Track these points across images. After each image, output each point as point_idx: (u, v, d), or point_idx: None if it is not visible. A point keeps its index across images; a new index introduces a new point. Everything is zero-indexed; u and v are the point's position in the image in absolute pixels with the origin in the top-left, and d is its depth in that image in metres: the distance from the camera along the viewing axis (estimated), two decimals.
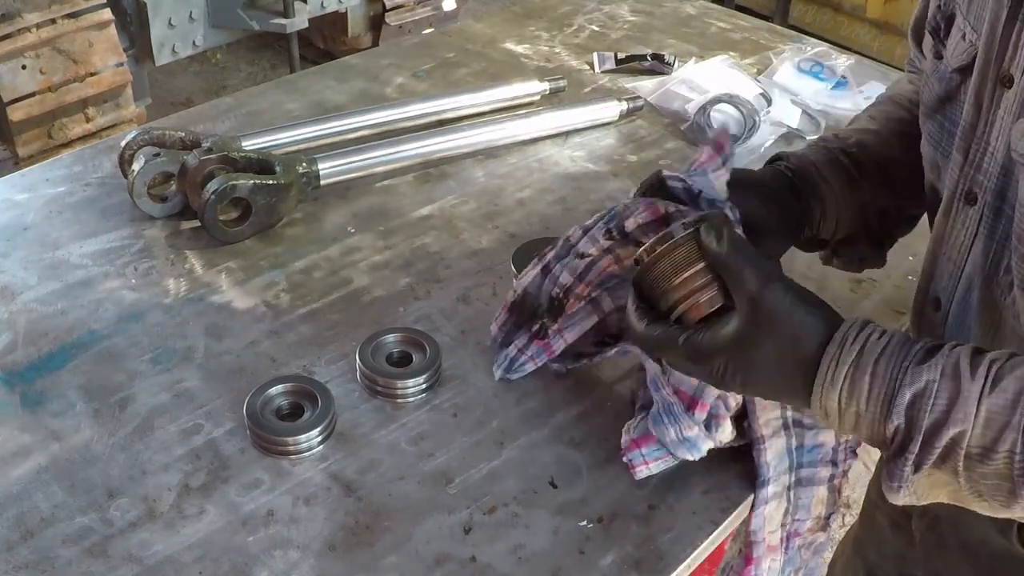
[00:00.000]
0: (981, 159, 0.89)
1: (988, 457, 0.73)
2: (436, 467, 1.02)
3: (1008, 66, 0.84)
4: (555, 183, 1.50)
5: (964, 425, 0.74)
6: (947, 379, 0.75)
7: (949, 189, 0.93)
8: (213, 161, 1.32)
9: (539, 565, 0.93)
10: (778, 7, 4.27)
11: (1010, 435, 0.72)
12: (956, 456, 0.74)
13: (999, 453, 0.73)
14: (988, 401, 0.73)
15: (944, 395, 0.74)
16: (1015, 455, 0.72)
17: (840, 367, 0.77)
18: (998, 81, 0.86)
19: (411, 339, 1.13)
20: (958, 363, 0.75)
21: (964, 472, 0.75)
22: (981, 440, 0.74)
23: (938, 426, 0.74)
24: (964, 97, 0.92)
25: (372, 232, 1.37)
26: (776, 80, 1.77)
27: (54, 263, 1.27)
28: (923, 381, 0.75)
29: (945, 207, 0.94)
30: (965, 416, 0.74)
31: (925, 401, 0.74)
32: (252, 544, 0.93)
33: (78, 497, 0.96)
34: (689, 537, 0.96)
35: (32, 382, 1.09)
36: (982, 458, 0.74)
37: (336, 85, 1.73)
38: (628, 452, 0.99)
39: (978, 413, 0.73)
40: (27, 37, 2.77)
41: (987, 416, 0.73)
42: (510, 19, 2.02)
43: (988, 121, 0.87)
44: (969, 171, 0.90)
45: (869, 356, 0.77)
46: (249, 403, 1.04)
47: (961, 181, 0.91)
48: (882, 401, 0.76)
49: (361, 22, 4.00)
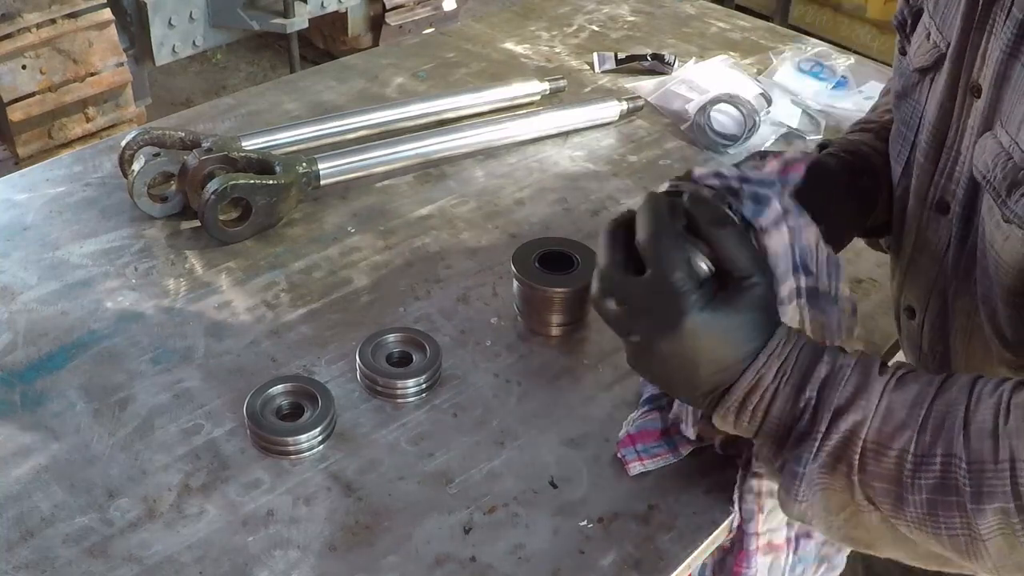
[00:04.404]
0: (952, 168, 0.87)
1: (882, 453, 0.74)
2: (436, 467, 1.02)
3: (977, 76, 0.83)
4: (555, 183, 1.50)
5: (865, 413, 0.75)
6: (858, 368, 0.77)
7: (918, 198, 0.92)
8: (213, 161, 1.32)
9: (539, 565, 0.93)
10: (778, 7, 4.26)
11: (905, 433, 0.73)
12: (853, 450, 0.75)
13: (892, 450, 0.73)
14: (890, 395, 0.75)
15: (852, 382, 0.76)
16: (907, 455, 0.73)
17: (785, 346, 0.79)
18: (968, 90, 0.84)
19: (411, 339, 1.13)
20: (870, 362, 0.78)
21: (858, 472, 0.75)
22: (877, 435, 0.74)
23: (841, 411, 0.76)
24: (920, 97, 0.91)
25: (372, 232, 1.37)
26: (776, 80, 1.77)
27: (54, 263, 1.27)
28: (837, 363, 0.77)
29: (915, 215, 0.93)
30: (867, 404, 0.75)
31: (836, 381, 0.76)
32: (252, 544, 0.93)
33: (78, 497, 0.96)
34: (689, 537, 0.96)
35: (32, 382, 1.09)
36: (876, 454, 0.74)
37: (336, 85, 1.73)
38: (622, 447, 0.99)
39: (879, 405, 0.75)
40: (27, 37, 2.77)
41: (887, 410, 0.74)
42: (510, 19, 2.02)
43: (959, 130, 0.86)
44: (940, 180, 0.88)
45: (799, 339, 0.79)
46: (249, 403, 1.04)
47: (932, 190, 0.90)
48: (801, 373, 0.77)
49: (361, 22, 4.00)
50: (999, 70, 0.78)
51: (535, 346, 1.18)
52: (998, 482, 0.68)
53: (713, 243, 0.79)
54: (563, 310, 1.18)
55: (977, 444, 0.70)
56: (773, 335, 0.79)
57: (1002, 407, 0.70)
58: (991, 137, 0.79)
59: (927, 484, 0.72)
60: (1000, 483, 0.68)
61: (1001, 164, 0.77)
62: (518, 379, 1.13)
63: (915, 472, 0.72)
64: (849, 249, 1.37)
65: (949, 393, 0.73)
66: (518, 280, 1.18)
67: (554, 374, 1.14)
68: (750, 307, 0.78)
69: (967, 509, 0.70)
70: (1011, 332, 0.81)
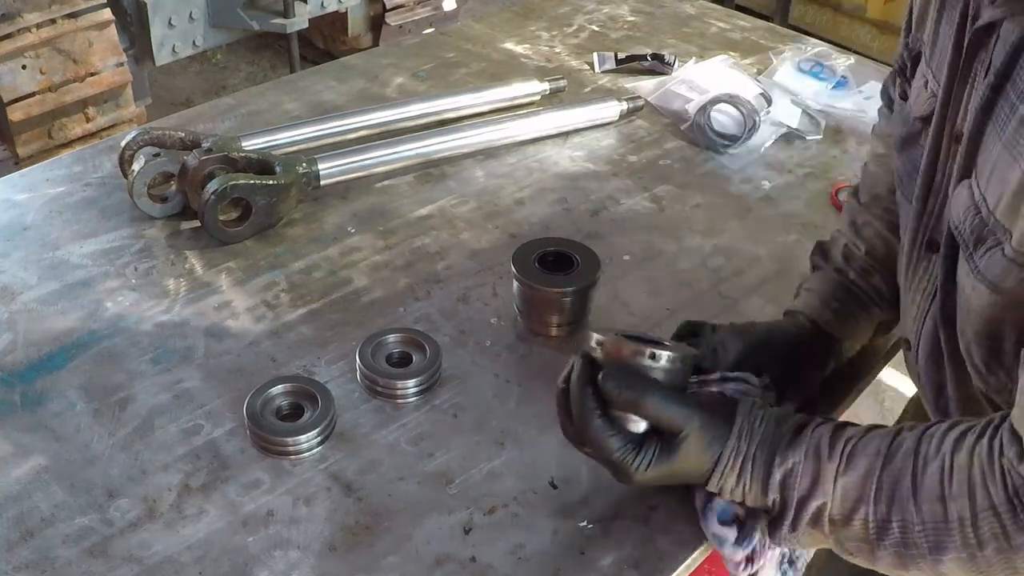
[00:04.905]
0: (940, 211, 0.90)
1: (848, 523, 0.84)
2: (436, 467, 1.02)
3: (960, 124, 0.86)
4: (555, 183, 1.50)
5: (825, 498, 0.85)
6: (810, 460, 0.86)
7: (910, 236, 0.95)
8: (213, 161, 1.32)
9: (539, 565, 0.93)
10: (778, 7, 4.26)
11: (862, 507, 0.82)
12: (823, 521, 0.85)
13: (855, 521, 0.83)
14: (843, 480, 0.84)
15: (808, 474, 0.85)
16: (868, 523, 0.82)
17: (737, 458, 0.87)
18: (952, 138, 0.87)
19: (411, 339, 1.13)
20: (819, 445, 0.86)
21: (831, 534, 0.86)
22: (840, 510, 0.84)
23: (804, 499, 0.86)
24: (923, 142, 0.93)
25: (372, 232, 1.37)
26: (776, 80, 1.77)
27: (54, 263, 1.27)
28: (790, 463, 0.86)
29: (907, 252, 0.96)
30: (825, 491, 0.84)
31: (792, 480, 0.86)
32: (252, 544, 0.93)
33: (78, 497, 0.96)
34: (689, 538, 0.96)
35: (32, 382, 1.09)
36: (843, 523, 0.84)
37: (336, 85, 1.73)
38: None
39: (835, 489, 0.84)
40: (27, 37, 2.77)
41: (843, 491, 0.83)
42: (510, 19, 2.02)
43: (946, 174, 0.89)
44: (929, 221, 0.92)
45: (753, 445, 0.88)
46: (249, 403, 1.04)
47: (921, 231, 0.93)
48: (761, 481, 0.87)
49: (361, 22, 4.00)
50: (975, 122, 0.81)
51: (535, 346, 1.18)
52: (950, 539, 0.78)
53: (637, 413, 0.88)
54: (563, 310, 1.18)
55: (928, 508, 0.79)
56: (721, 454, 0.88)
57: (945, 472, 0.79)
58: (966, 186, 0.83)
59: (891, 543, 0.82)
60: (951, 540, 0.78)
61: (970, 218, 0.81)
62: (518, 379, 1.13)
63: (879, 535, 0.82)
64: None
65: (895, 462, 0.82)
66: (518, 280, 1.18)
67: (554, 374, 1.12)
68: (689, 451, 0.88)
69: (928, 559, 0.80)
70: (984, 368, 0.86)
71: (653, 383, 0.89)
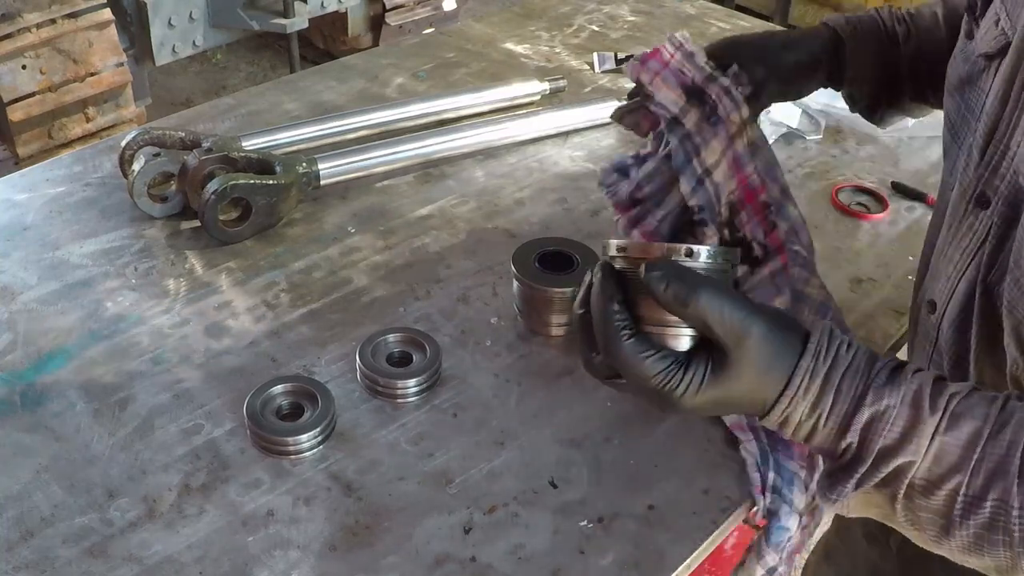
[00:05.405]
0: (999, 162, 0.82)
1: (931, 492, 0.72)
2: (436, 467, 1.02)
3: None
4: (555, 183, 1.50)
5: (914, 456, 0.72)
6: (907, 407, 0.72)
7: (959, 189, 0.87)
8: (213, 161, 1.32)
9: (539, 565, 0.93)
10: (778, 7, 4.26)
11: (956, 476, 0.71)
12: (899, 483, 0.73)
13: (942, 491, 0.72)
14: (942, 438, 0.71)
15: (901, 423, 0.72)
16: (958, 496, 0.71)
17: (813, 380, 0.74)
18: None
19: (411, 339, 1.13)
20: (920, 393, 0.73)
21: (903, 500, 0.74)
22: (927, 474, 0.72)
23: (888, 452, 0.72)
24: (985, 85, 0.87)
25: (372, 232, 1.37)
26: None
27: (54, 263, 1.27)
28: (883, 404, 0.72)
29: (953, 207, 0.89)
30: (917, 448, 0.72)
31: (882, 425, 0.72)
32: (252, 544, 0.93)
33: (78, 497, 0.96)
34: (689, 537, 0.96)
35: (32, 382, 1.09)
36: (924, 492, 0.72)
37: (336, 85, 1.73)
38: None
39: (930, 447, 0.72)
40: (27, 37, 2.77)
41: (938, 452, 0.72)
42: (510, 19, 2.02)
43: (1011, 123, 0.81)
44: (984, 173, 0.84)
45: (836, 371, 0.74)
46: (249, 403, 1.04)
47: (974, 183, 0.85)
48: (841, 416, 0.73)
49: (361, 22, 4.00)
50: None
51: (535, 346, 1.18)
52: None
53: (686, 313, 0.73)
54: (563, 310, 1.18)
55: None
56: (793, 374, 0.73)
57: None
58: None
59: (977, 523, 0.71)
60: None
61: None
62: (518, 379, 1.13)
63: (965, 512, 0.71)
64: (849, 250, 1.38)
65: (1004, 434, 0.71)
66: (518, 280, 1.18)
67: (554, 374, 1.14)
68: (751, 366, 0.73)
69: (1013, 548, 0.70)
70: None
71: (705, 278, 0.73)
